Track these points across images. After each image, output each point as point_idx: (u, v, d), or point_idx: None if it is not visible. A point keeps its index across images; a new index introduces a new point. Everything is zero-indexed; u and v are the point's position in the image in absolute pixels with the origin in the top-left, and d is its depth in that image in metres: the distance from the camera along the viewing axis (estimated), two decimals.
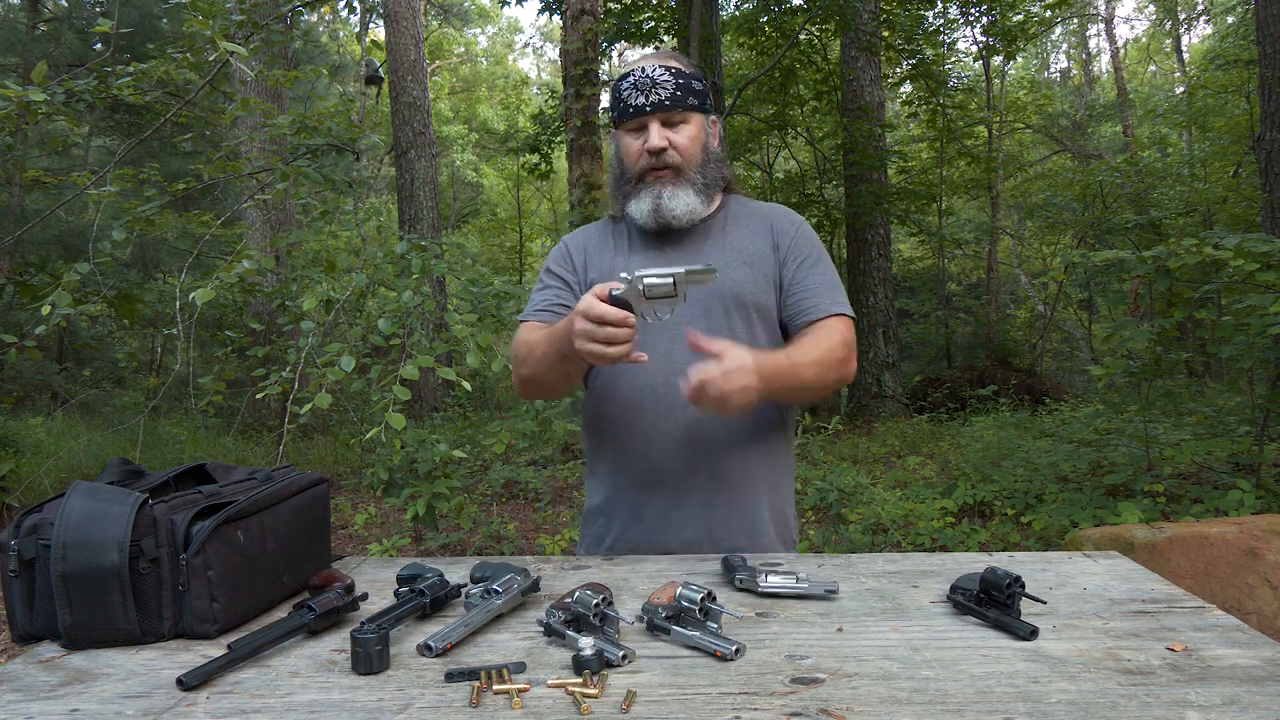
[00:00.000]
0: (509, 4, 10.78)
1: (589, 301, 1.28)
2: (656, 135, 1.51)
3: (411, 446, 4.02)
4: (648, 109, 1.51)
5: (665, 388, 1.50)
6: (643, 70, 1.51)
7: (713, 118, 1.60)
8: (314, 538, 1.33)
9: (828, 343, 1.47)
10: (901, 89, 13.12)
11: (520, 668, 0.99)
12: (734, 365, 1.26)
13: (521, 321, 1.62)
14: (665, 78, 1.50)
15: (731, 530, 1.53)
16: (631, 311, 1.28)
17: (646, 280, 1.28)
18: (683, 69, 1.53)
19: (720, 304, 1.53)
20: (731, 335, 1.47)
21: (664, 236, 1.58)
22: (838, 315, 1.53)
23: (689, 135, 1.54)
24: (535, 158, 11.03)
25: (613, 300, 1.28)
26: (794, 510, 1.67)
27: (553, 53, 29.94)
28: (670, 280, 1.27)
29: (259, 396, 3.57)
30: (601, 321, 1.27)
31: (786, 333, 1.59)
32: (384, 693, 0.94)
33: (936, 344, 13.99)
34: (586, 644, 0.98)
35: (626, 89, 1.52)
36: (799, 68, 10.85)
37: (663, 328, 1.46)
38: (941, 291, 14.12)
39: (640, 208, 1.54)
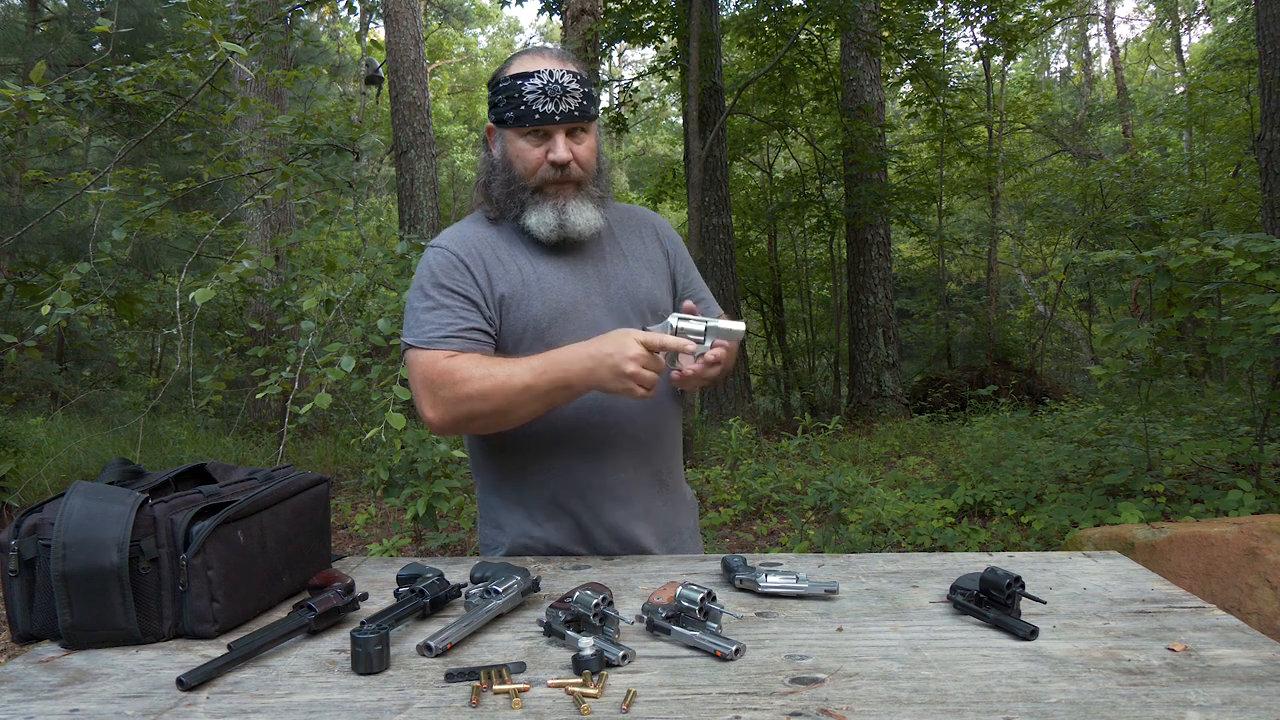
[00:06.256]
0: (509, 4, 10.77)
1: (651, 336, 1.31)
2: (563, 148, 1.44)
3: (411, 446, 4.01)
4: (557, 118, 1.42)
5: (609, 401, 1.48)
6: (550, 75, 1.41)
7: (597, 121, 1.56)
8: (314, 538, 1.33)
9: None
10: (901, 89, 13.11)
11: (520, 668, 0.99)
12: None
13: (423, 348, 1.42)
14: (574, 85, 1.42)
15: (675, 525, 1.60)
16: None
17: (680, 325, 1.35)
18: (581, 73, 1.45)
19: (636, 314, 1.53)
20: None
21: (561, 247, 1.52)
22: None
23: (589, 147, 1.48)
24: None
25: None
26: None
27: None
28: (702, 328, 1.35)
29: (259, 396, 3.57)
30: (659, 349, 1.31)
31: None
32: (384, 693, 0.94)
33: (936, 344, 13.98)
34: (586, 644, 0.98)
35: (532, 93, 1.41)
36: (799, 68, 10.84)
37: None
38: (941, 291, 14.10)
39: (544, 220, 1.47)
